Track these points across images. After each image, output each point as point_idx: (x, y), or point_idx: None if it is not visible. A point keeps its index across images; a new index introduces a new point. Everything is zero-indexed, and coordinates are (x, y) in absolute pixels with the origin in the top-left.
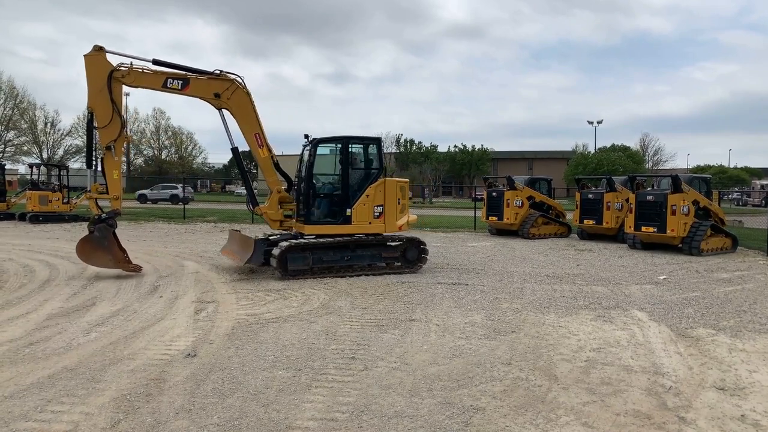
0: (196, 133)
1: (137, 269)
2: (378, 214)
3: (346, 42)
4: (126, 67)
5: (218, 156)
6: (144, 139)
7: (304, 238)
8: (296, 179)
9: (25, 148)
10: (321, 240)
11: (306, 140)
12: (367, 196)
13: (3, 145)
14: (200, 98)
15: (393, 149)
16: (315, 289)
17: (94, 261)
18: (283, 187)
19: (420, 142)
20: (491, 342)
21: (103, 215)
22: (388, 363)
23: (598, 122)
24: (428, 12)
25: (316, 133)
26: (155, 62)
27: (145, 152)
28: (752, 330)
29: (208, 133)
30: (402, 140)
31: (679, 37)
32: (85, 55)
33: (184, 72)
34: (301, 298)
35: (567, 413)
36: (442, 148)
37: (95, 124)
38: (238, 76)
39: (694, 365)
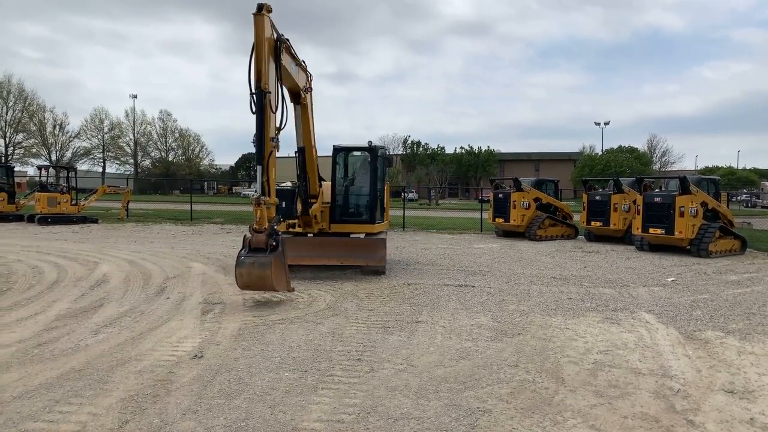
0: (204, 135)
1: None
2: (383, 212)
3: (348, 39)
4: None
5: (225, 158)
6: (151, 141)
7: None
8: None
9: (34, 150)
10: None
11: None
12: (385, 196)
13: (12, 148)
14: (295, 89)
15: (400, 151)
16: (321, 291)
17: (281, 284)
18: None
19: (426, 144)
20: (498, 344)
21: (274, 225)
22: (394, 365)
23: (605, 123)
24: (432, 8)
25: (322, 136)
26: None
27: (152, 154)
28: (761, 332)
29: (214, 133)
30: (409, 142)
31: (691, 34)
32: (255, 15)
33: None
34: (308, 299)
35: (574, 416)
36: (448, 149)
37: (270, 109)
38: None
39: (702, 368)
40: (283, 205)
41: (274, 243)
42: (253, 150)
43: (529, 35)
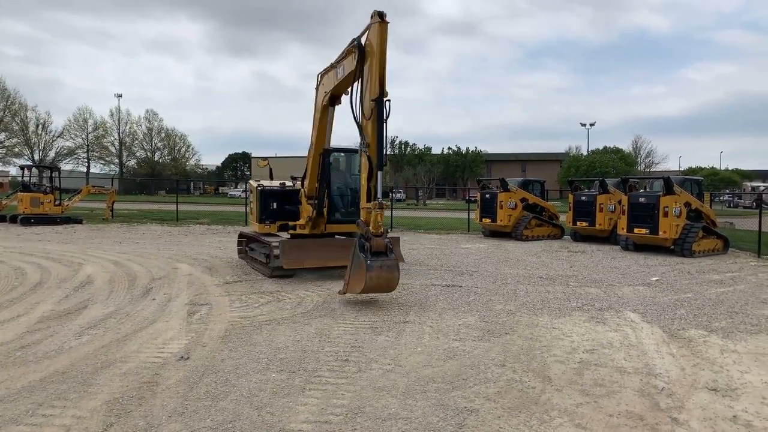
0: (189, 135)
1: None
2: None
3: (336, 38)
4: None
5: (211, 158)
6: (136, 141)
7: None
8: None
9: (17, 149)
10: None
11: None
12: None
13: None
14: (340, 92)
15: (388, 151)
16: (309, 291)
17: None
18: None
19: (414, 144)
20: (485, 344)
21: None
22: (381, 365)
23: (591, 124)
24: (418, 7)
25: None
26: None
27: (137, 154)
28: (744, 331)
29: (200, 133)
30: (396, 142)
31: (677, 35)
32: (381, 23)
33: None
34: (295, 300)
35: (560, 415)
36: (436, 150)
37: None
38: None
39: (686, 366)
40: (274, 206)
41: (390, 245)
42: (239, 150)
43: (518, 35)
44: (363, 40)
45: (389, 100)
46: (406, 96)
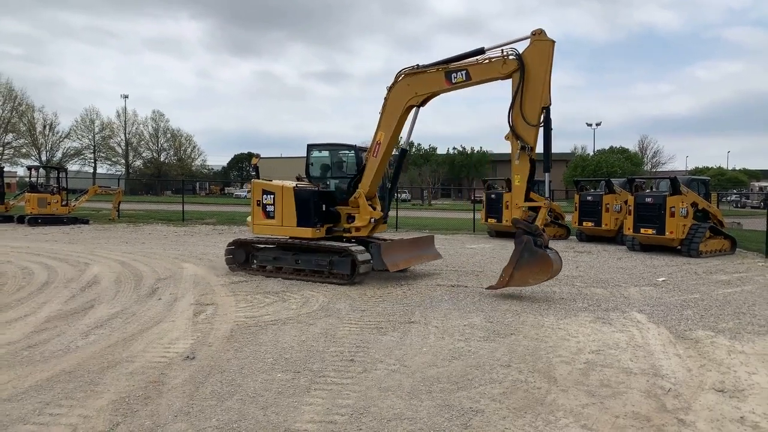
0: (195, 135)
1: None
2: None
3: (337, 37)
4: None
5: (215, 158)
6: (142, 141)
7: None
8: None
9: (24, 150)
10: None
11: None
12: None
13: (2, 148)
14: (435, 94)
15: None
16: (314, 292)
17: None
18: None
19: (419, 144)
20: (490, 344)
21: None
22: (387, 365)
23: (597, 124)
24: (423, 4)
25: (313, 135)
26: None
27: (143, 154)
28: (751, 332)
29: (202, 133)
30: (401, 142)
31: (686, 33)
32: (551, 42)
33: None
34: (300, 300)
35: (566, 415)
36: (441, 150)
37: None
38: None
39: (693, 367)
40: (324, 208)
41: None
42: (245, 150)
43: (523, 33)
44: (516, 51)
45: (548, 108)
46: None
